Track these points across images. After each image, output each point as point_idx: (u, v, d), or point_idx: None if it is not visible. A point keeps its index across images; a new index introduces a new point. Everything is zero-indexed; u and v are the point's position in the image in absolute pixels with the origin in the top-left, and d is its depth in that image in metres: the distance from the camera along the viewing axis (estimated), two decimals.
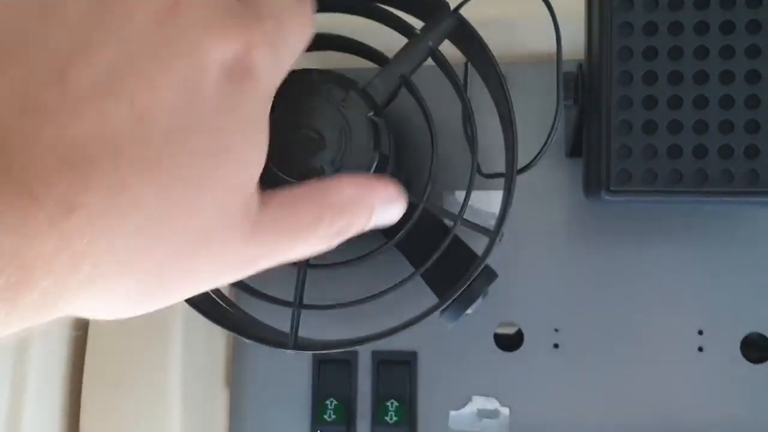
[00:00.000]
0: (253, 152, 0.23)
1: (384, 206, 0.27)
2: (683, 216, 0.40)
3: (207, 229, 0.22)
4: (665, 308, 0.40)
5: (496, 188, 0.41)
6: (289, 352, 0.32)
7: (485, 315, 0.41)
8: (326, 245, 0.26)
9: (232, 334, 0.33)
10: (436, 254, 0.32)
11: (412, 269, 0.33)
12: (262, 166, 0.23)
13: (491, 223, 0.33)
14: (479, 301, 0.33)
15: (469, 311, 0.33)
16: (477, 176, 0.34)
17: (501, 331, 0.42)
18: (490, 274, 0.33)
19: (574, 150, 0.40)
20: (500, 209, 0.33)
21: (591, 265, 0.41)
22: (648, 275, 0.40)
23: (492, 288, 0.35)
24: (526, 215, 0.41)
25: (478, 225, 0.32)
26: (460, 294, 0.32)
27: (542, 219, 0.42)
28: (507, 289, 0.41)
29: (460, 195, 0.42)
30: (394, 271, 0.34)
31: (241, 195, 0.22)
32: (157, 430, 0.40)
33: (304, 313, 0.33)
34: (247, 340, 0.32)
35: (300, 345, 0.32)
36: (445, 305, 0.32)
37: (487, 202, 0.42)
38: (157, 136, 0.19)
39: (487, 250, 0.32)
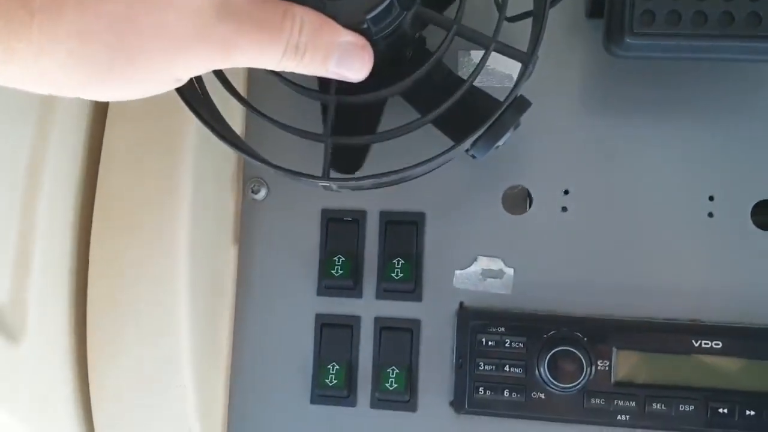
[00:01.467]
0: None
1: (347, 50, 0.28)
2: (698, 80, 0.40)
3: None
4: (677, 173, 0.40)
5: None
6: (322, 183, 0.31)
7: (493, 176, 0.41)
8: (289, 60, 0.27)
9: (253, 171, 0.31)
10: (467, 84, 0.31)
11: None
12: None
13: (508, 85, 0.31)
14: (510, 132, 0.32)
15: (500, 143, 0.32)
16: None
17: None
18: (523, 103, 0.32)
19: (593, 8, 0.39)
20: (531, 35, 0.31)
21: (604, 128, 0.41)
22: (661, 139, 0.40)
23: (500, 148, 0.34)
24: (540, 75, 0.40)
25: (511, 48, 0.31)
26: (492, 124, 0.31)
27: (557, 79, 0.41)
28: (517, 150, 0.40)
29: (477, 55, 0.41)
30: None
31: None
32: (164, 279, 0.41)
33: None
34: (280, 172, 0.32)
35: (332, 177, 0.31)
36: (479, 134, 0.31)
37: (504, 63, 0.41)
38: None
39: (521, 75, 0.31)
